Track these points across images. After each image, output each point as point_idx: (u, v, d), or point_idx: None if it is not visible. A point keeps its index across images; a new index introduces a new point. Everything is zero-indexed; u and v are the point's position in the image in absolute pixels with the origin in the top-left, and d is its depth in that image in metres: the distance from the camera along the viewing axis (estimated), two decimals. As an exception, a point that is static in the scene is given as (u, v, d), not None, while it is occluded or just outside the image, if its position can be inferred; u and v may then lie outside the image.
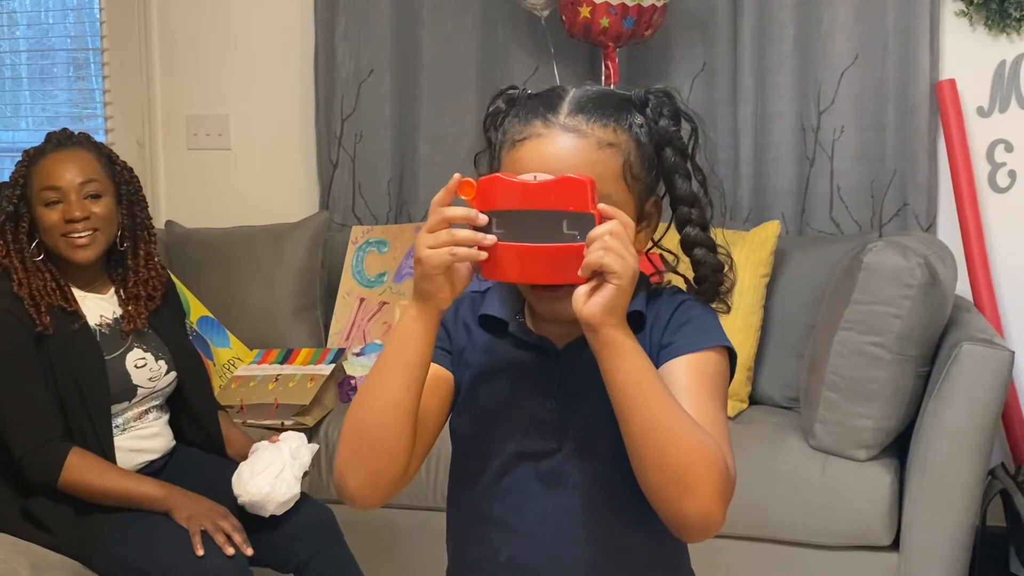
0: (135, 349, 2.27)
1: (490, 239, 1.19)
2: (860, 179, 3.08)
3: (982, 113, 3.02)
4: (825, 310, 2.53)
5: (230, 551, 2.04)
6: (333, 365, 2.89)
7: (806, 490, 2.40)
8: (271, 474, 2.18)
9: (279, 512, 2.18)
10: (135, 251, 2.31)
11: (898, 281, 2.31)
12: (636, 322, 1.25)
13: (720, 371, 1.28)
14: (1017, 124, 3.00)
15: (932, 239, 2.78)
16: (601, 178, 1.21)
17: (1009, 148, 3.02)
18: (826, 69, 3.07)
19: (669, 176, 1.31)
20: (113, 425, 2.21)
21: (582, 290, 1.15)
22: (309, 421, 2.73)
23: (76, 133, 2.33)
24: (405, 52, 3.38)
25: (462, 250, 1.19)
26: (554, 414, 1.28)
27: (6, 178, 2.31)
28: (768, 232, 2.78)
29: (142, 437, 2.27)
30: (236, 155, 3.67)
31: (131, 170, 2.36)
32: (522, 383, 1.30)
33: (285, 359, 2.99)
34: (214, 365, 2.93)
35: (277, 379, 2.85)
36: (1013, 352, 2.30)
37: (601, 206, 1.16)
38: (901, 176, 3.03)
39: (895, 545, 2.37)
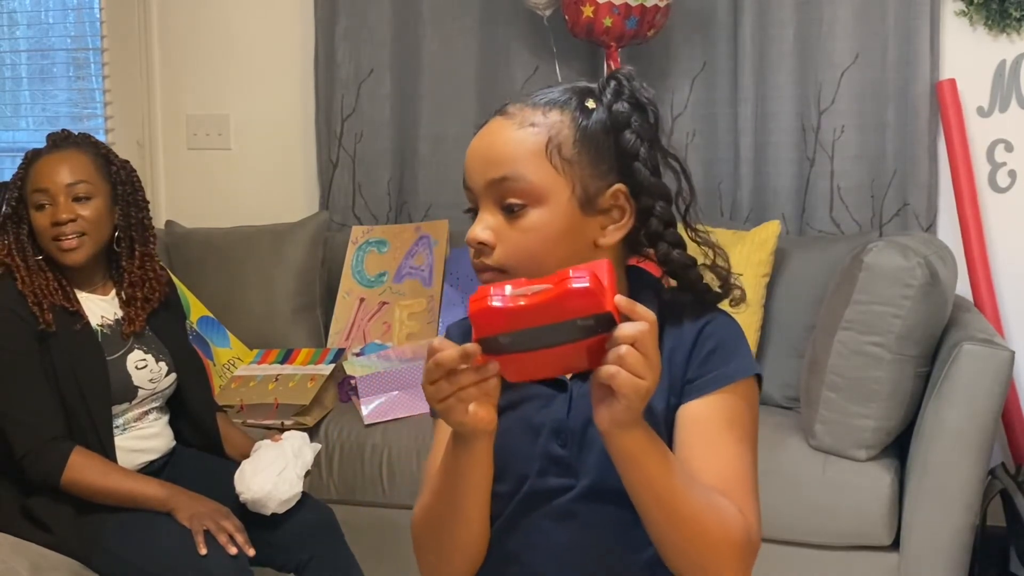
0: (136, 350, 2.26)
1: (493, 370, 1.09)
2: (860, 179, 3.08)
3: (982, 113, 3.02)
4: (825, 310, 2.53)
5: (232, 551, 2.04)
6: (333, 365, 2.89)
7: (806, 490, 2.40)
8: (273, 472, 2.18)
9: (280, 511, 2.18)
10: (131, 253, 2.30)
11: (898, 281, 2.31)
12: None
13: (750, 404, 1.23)
14: (1017, 124, 3.01)
15: (932, 239, 2.78)
16: (515, 156, 1.20)
17: (1009, 148, 3.02)
18: (826, 69, 3.07)
19: (626, 162, 1.23)
20: (114, 425, 2.21)
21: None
22: (309, 421, 2.73)
23: (76, 134, 2.33)
24: (405, 52, 3.38)
25: (470, 391, 1.10)
26: (566, 451, 1.24)
27: (6, 178, 2.31)
28: (768, 232, 2.78)
29: (142, 437, 2.27)
30: (236, 155, 3.67)
31: (130, 170, 2.35)
32: (534, 420, 1.26)
33: (285, 359, 2.99)
34: (214, 365, 2.93)
35: (277, 379, 2.85)
36: (1013, 352, 2.30)
37: (618, 299, 1.04)
38: (901, 176, 3.04)
39: (895, 545, 2.37)
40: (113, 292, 2.31)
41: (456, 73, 3.35)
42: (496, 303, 1.04)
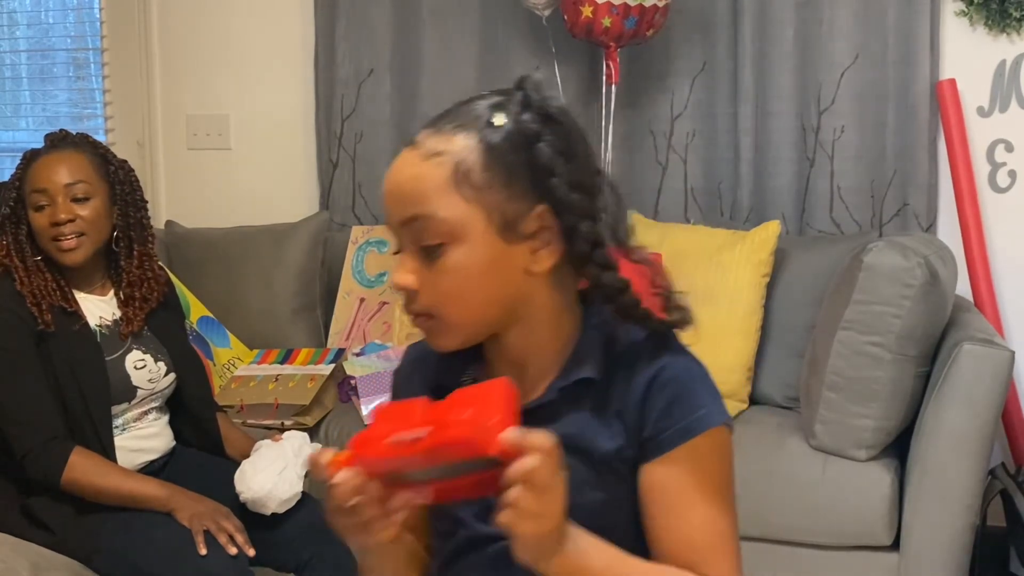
0: (134, 350, 2.26)
1: (399, 504, 1.04)
2: (860, 179, 3.08)
3: (982, 113, 3.02)
4: (825, 310, 2.53)
5: (232, 551, 2.04)
6: (333, 365, 2.89)
7: (806, 490, 2.40)
8: (274, 471, 2.18)
9: (280, 510, 2.18)
10: (129, 252, 2.29)
11: (898, 281, 2.31)
12: (589, 390, 1.14)
13: (720, 456, 1.15)
14: (1017, 124, 3.00)
15: (932, 239, 2.78)
16: (422, 193, 1.10)
17: (1009, 148, 3.02)
18: (826, 69, 3.07)
19: (543, 180, 1.11)
20: (113, 425, 2.21)
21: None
22: (309, 421, 2.73)
23: (74, 134, 2.32)
24: (405, 52, 3.38)
25: (375, 525, 1.05)
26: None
27: (6, 178, 2.31)
28: (768, 232, 2.78)
29: (142, 437, 2.27)
30: (236, 155, 3.67)
31: (128, 170, 2.34)
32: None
33: (285, 359, 2.99)
34: (214, 365, 2.93)
35: (277, 379, 2.85)
36: (1013, 352, 2.30)
37: (505, 437, 0.96)
38: (901, 176, 3.04)
39: (895, 545, 2.37)
40: (112, 292, 2.30)
41: (456, 73, 3.35)
42: (376, 453, 0.99)
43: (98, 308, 2.27)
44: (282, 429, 2.71)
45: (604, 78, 3.00)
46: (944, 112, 2.96)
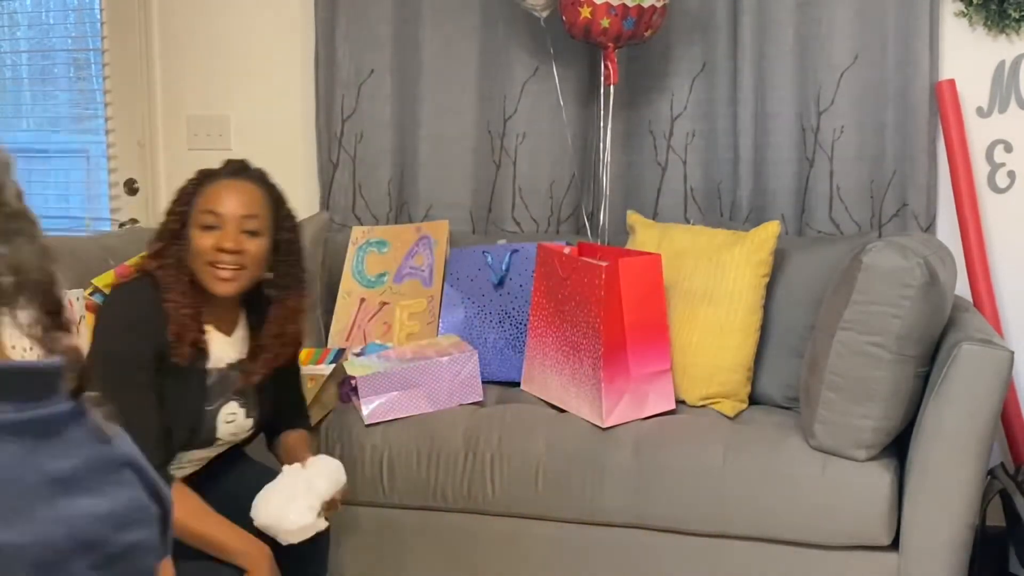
0: (232, 402, 2.19)
1: None
2: (860, 179, 3.08)
3: (981, 113, 3.03)
4: (825, 310, 2.54)
5: None
6: (333, 365, 2.89)
7: (806, 490, 2.40)
8: (281, 501, 2.12)
9: (293, 540, 2.13)
10: (282, 302, 2.20)
11: (898, 281, 2.31)
12: None
13: None
14: (1017, 124, 3.01)
15: (932, 239, 2.78)
16: None
17: (1009, 148, 3.02)
18: (826, 69, 3.07)
19: None
20: (183, 459, 2.16)
21: None
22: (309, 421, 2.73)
23: (254, 168, 2.26)
24: (405, 52, 3.39)
25: None
26: None
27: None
28: (768, 232, 2.79)
29: (192, 461, 2.23)
30: (237, 155, 3.65)
31: (295, 219, 2.26)
32: None
33: (285, 359, 2.99)
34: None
35: (277, 379, 2.86)
36: (1013, 352, 2.30)
37: None
38: (901, 176, 3.04)
39: (895, 545, 2.38)
40: (236, 334, 2.22)
41: (456, 74, 3.35)
42: None
43: (220, 348, 2.18)
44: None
45: (602, 79, 3.01)
46: (943, 112, 2.96)
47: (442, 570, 2.64)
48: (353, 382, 2.78)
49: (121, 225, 3.75)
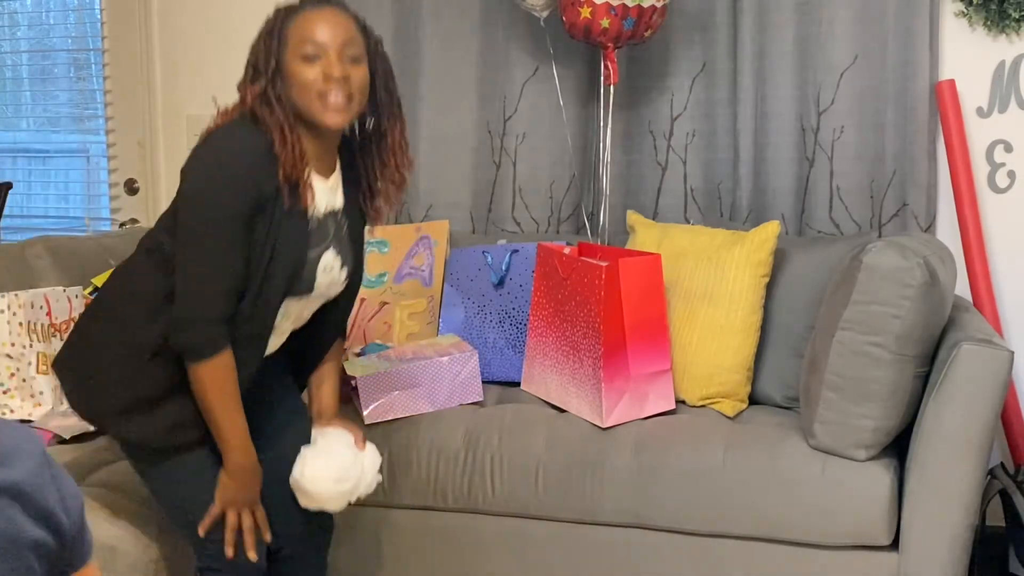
0: (330, 250, 2.07)
1: None
2: (860, 179, 3.08)
3: (981, 113, 3.03)
4: (825, 310, 2.54)
5: (253, 557, 2.03)
6: (333, 365, 2.89)
7: (806, 490, 2.40)
8: (334, 478, 2.13)
9: (310, 507, 2.16)
10: (384, 135, 2.10)
11: (898, 281, 2.31)
12: None
13: None
14: (1017, 124, 3.01)
15: (932, 239, 2.78)
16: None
17: (1008, 148, 3.02)
18: (826, 69, 3.07)
19: None
20: (280, 312, 2.05)
21: None
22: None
23: None
24: (405, 53, 3.39)
25: None
26: None
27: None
28: (768, 232, 2.79)
29: (277, 334, 2.12)
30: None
31: (383, 47, 2.12)
32: None
33: (285, 359, 2.99)
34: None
35: (277, 379, 2.86)
36: (1012, 352, 2.30)
37: None
38: (900, 176, 3.04)
39: (895, 545, 2.38)
40: (334, 177, 2.09)
41: (456, 74, 3.35)
42: None
43: (321, 193, 2.06)
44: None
45: (602, 79, 3.01)
46: (943, 113, 2.96)
47: (442, 570, 2.64)
48: (353, 382, 2.78)
49: (121, 225, 3.75)
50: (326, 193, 2.06)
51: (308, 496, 2.13)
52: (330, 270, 2.09)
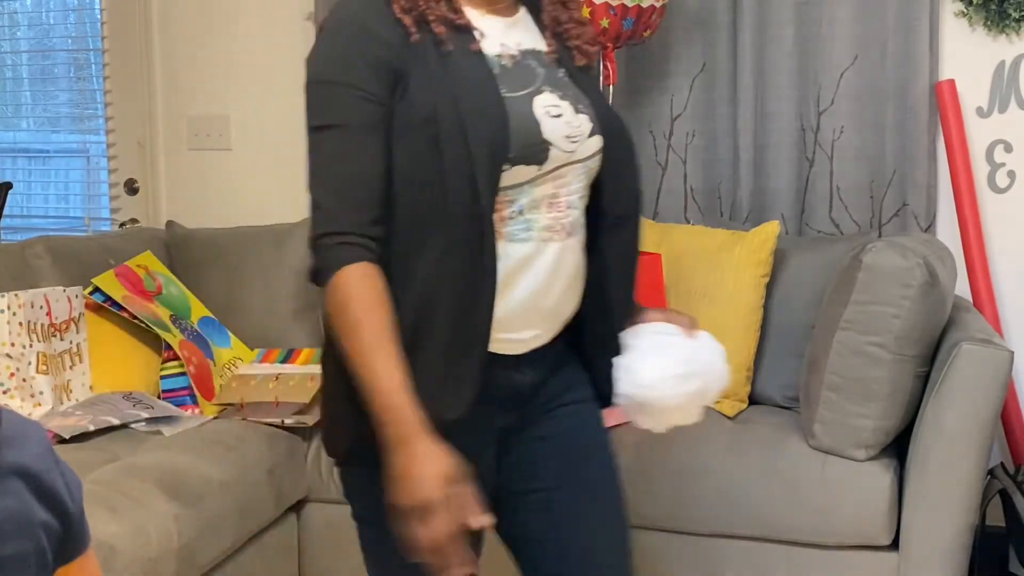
0: (547, 93, 1.50)
1: None
2: (859, 179, 3.08)
3: (981, 113, 3.03)
4: (825, 310, 2.54)
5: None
6: (333, 365, 2.89)
7: (806, 490, 2.40)
8: (675, 364, 1.54)
9: (659, 427, 1.58)
10: None
11: (898, 281, 2.31)
12: None
13: None
14: (1017, 124, 3.01)
15: (932, 239, 2.78)
16: None
17: (1008, 148, 3.02)
18: (826, 69, 3.07)
19: None
20: (509, 208, 1.44)
21: None
22: (309, 420, 2.73)
23: None
24: (405, 52, 3.38)
25: None
26: None
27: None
28: (768, 232, 2.79)
29: (537, 207, 1.47)
30: (236, 155, 3.67)
31: None
32: None
33: (286, 359, 2.99)
34: (214, 365, 2.94)
35: (277, 378, 2.86)
36: (1012, 352, 2.30)
37: None
38: (900, 176, 3.04)
39: (895, 545, 2.38)
40: (519, 17, 1.59)
41: (456, 73, 3.35)
42: None
43: (500, 32, 1.54)
44: (282, 426, 2.72)
45: (601, 79, 3.00)
46: (943, 112, 2.96)
47: (442, 570, 2.64)
48: (353, 382, 2.78)
49: (121, 225, 3.75)
50: (510, 32, 1.54)
51: (652, 412, 1.56)
52: (556, 114, 1.48)
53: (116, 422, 2.52)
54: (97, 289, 2.80)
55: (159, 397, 2.77)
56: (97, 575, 1.13)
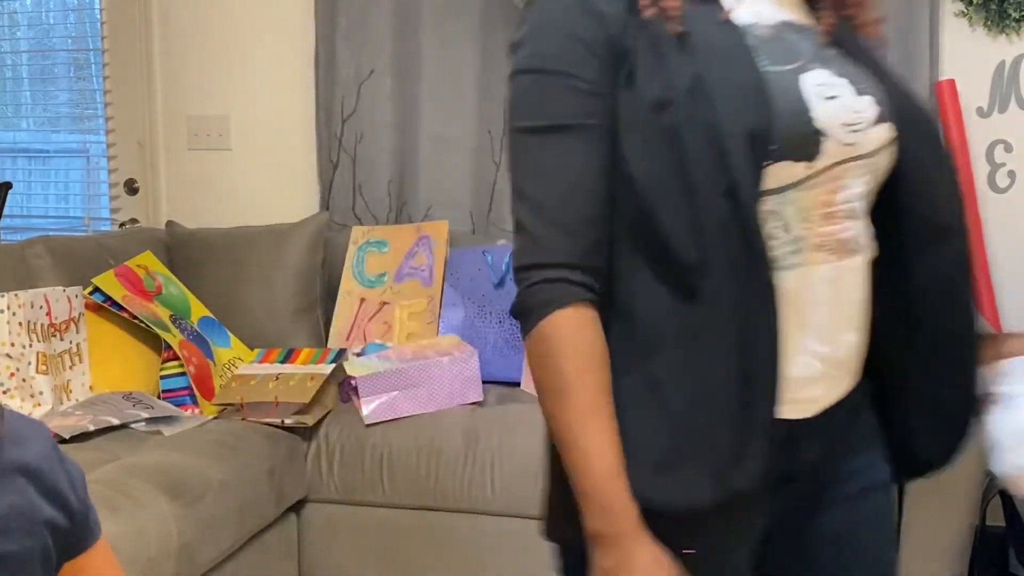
0: (819, 70, 1.18)
1: None
2: (860, 179, 3.08)
3: (981, 113, 3.03)
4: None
5: None
6: (334, 365, 2.89)
7: (806, 490, 2.40)
8: None
9: None
10: None
11: (898, 281, 2.31)
12: None
13: None
14: (1017, 124, 3.01)
15: (932, 239, 2.78)
16: None
17: (1008, 148, 3.02)
18: (826, 69, 3.07)
19: None
20: (770, 223, 1.12)
21: None
22: (309, 420, 2.73)
23: None
24: (405, 53, 3.39)
25: None
26: None
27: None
28: (768, 232, 2.78)
29: (812, 211, 1.15)
30: (236, 155, 3.67)
31: None
32: None
33: (286, 359, 2.99)
34: (214, 365, 2.94)
35: (277, 378, 2.86)
36: (1012, 352, 2.30)
37: None
38: (901, 176, 3.03)
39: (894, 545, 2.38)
40: None
41: (456, 74, 3.35)
42: None
43: (755, 2, 1.22)
44: (282, 426, 2.72)
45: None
46: (943, 112, 2.96)
47: (442, 570, 2.64)
48: (353, 382, 2.78)
49: (121, 225, 3.75)
50: (767, 4, 1.22)
51: None
52: (831, 95, 1.15)
53: (116, 422, 2.52)
54: (97, 289, 2.80)
55: (159, 397, 2.77)
56: (112, 564, 1.14)
